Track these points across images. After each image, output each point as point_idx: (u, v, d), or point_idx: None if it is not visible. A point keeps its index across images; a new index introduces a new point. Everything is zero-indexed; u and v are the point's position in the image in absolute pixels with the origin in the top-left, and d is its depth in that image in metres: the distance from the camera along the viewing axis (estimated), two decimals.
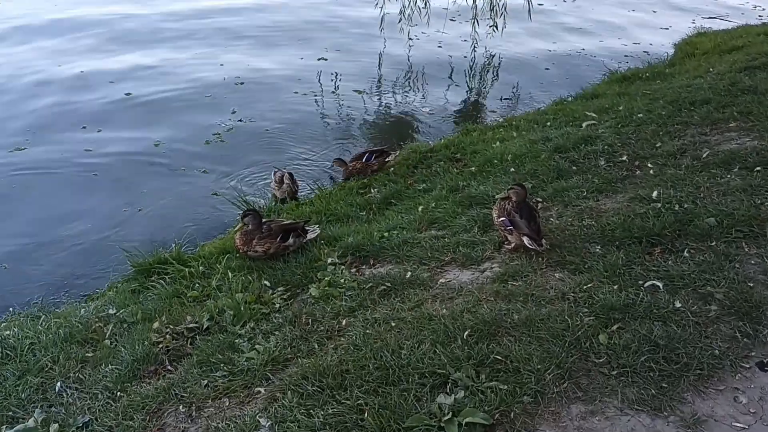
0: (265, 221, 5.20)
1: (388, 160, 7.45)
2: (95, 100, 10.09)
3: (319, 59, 12.26)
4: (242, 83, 10.86)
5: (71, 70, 11.20)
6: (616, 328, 3.51)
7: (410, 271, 4.52)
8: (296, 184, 7.32)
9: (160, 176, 8.00)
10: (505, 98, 10.99)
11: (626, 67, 11.39)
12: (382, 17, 11.59)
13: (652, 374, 3.19)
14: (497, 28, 11.91)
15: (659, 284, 3.86)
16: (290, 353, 3.76)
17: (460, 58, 12.59)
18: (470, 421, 2.92)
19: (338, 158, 7.90)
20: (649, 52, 12.79)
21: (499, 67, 12.41)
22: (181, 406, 3.49)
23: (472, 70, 12.26)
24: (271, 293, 4.57)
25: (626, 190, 5.31)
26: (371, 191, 6.85)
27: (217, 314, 4.33)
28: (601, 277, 4.01)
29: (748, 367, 3.24)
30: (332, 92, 10.88)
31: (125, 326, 4.50)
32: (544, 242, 4.39)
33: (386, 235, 5.17)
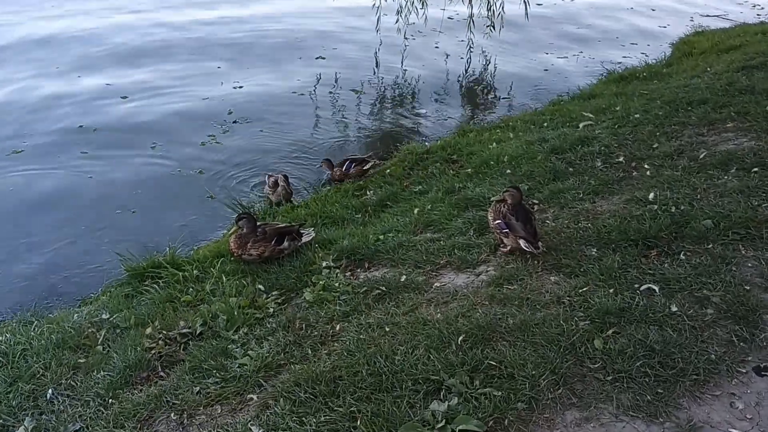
0: (259, 224, 5.16)
1: (366, 168, 7.53)
2: (91, 101, 10.07)
3: (317, 58, 12.32)
4: (241, 87, 10.84)
5: (69, 78, 11.22)
6: (611, 332, 3.48)
7: (405, 274, 4.48)
8: (291, 186, 7.30)
9: (154, 178, 7.97)
10: (503, 98, 10.96)
11: (623, 67, 11.36)
12: (378, 18, 11.59)
13: (647, 380, 3.15)
14: (494, 28, 11.88)
15: (655, 288, 3.82)
16: (283, 359, 3.73)
17: (456, 59, 12.59)
18: (464, 428, 2.90)
19: (327, 159, 7.92)
20: (646, 53, 12.76)
21: (495, 69, 12.37)
22: (172, 413, 3.46)
23: (467, 72, 12.24)
24: (265, 297, 4.54)
25: (623, 191, 5.27)
26: (367, 193, 6.82)
27: (210, 319, 4.30)
28: (596, 280, 3.98)
29: (744, 372, 3.20)
30: (329, 93, 10.87)
31: (118, 331, 4.46)
32: (540, 245, 4.36)
33: (381, 238, 5.14)
